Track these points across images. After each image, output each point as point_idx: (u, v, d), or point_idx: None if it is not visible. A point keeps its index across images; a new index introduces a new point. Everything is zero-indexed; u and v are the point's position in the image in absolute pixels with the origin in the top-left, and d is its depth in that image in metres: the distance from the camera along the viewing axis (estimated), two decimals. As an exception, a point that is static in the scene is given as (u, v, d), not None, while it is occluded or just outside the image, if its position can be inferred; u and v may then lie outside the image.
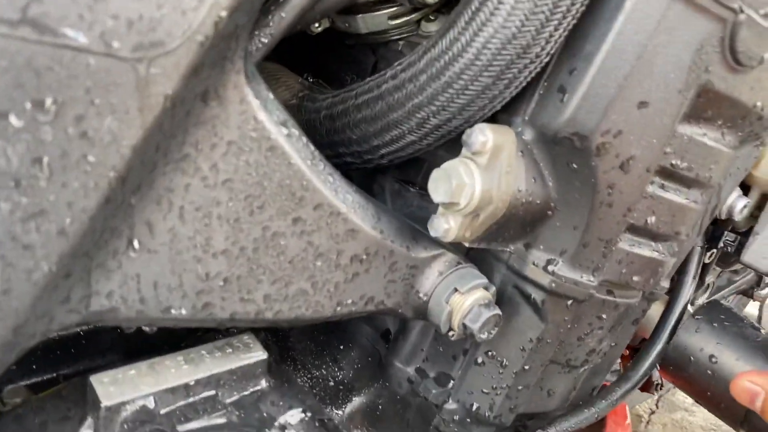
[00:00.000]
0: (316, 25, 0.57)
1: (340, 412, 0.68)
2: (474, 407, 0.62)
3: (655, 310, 0.73)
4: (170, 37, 0.36)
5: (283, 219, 0.47)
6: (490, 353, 0.60)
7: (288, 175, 0.46)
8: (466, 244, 0.54)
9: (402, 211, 0.64)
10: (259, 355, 0.57)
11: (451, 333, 0.56)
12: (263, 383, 0.57)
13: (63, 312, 0.42)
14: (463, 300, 0.55)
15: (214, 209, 0.44)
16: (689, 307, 0.73)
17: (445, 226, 0.51)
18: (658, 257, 0.59)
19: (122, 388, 0.52)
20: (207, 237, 0.45)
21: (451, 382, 0.63)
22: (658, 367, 0.72)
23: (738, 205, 0.69)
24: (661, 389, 0.91)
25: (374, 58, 0.63)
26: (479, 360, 0.61)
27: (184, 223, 0.44)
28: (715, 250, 0.76)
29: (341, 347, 0.73)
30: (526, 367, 0.60)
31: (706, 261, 0.77)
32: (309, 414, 0.56)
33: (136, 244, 0.44)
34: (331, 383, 0.70)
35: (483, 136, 0.48)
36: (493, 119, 0.52)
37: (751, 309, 1.52)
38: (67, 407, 0.53)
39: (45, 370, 0.62)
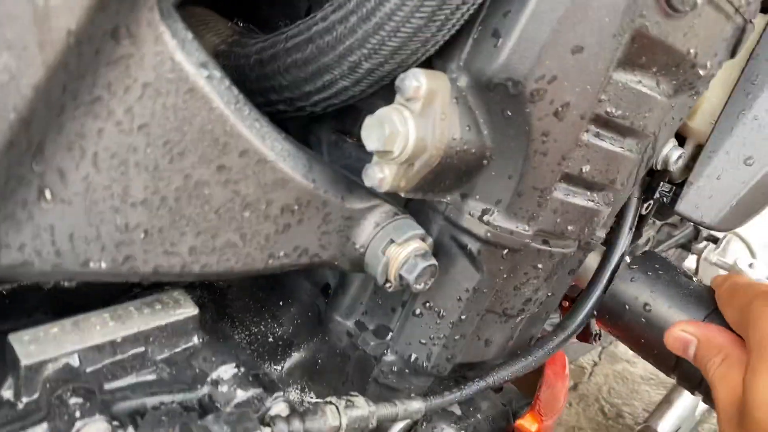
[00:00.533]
0: (244, -35, 0.55)
1: (278, 368, 0.67)
2: (412, 358, 0.62)
3: (594, 260, 0.74)
4: (70, -35, 0.34)
5: (207, 167, 0.45)
6: (427, 304, 0.60)
7: (210, 120, 0.43)
8: (402, 194, 0.53)
9: (340, 163, 0.63)
10: (190, 311, 0.55)
11: (387, 284, 0.56)
12: (195, 340, 0.55)
13: (-31, 266, 0.40)
14: (400, 251, 0.55)
15: (130, 156, 0.42)
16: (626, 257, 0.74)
17: (379, 175, 0.49)
18: (593, 207, 0.59)
19: (44, 346, 0.49)
20: (124, 186, 0.43)
21: (390, 334, 0.63)
22: (595, 316, 0.74)
23: (673, 155, 0.69)
24: (599, 340, 0.93)
25: (307, 3, 0.61)
26: (417, 311, 0.61)
27: (99, 171, 0.41)
28: (651, 202, 0.77)
29: (281, 303, 0.71)
30: (463, 317, 0.60)
31: (644, 212, 0.78)
32: (243, 369, 0.55)
33: (47, 193, 0.41)
34: (270, 340, 0.69)
35: (416, 80, 0.47)
36: (428, 66, 0.51)
37: (690, 264, 1.57)
38: (-15, 368, 0.50)
39: (-35, 333, 0.59)
